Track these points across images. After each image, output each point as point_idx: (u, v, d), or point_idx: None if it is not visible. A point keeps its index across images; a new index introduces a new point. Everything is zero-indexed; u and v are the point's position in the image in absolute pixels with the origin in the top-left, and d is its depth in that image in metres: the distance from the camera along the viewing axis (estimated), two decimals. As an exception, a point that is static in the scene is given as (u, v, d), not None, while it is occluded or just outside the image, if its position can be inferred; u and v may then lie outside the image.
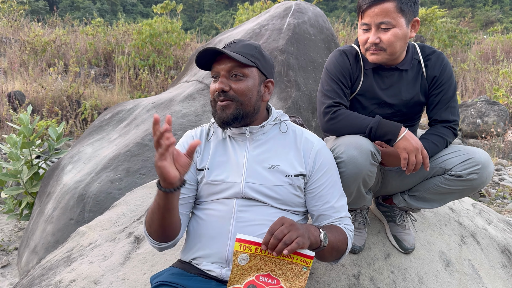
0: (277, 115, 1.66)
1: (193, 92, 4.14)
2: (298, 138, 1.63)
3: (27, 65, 9.40)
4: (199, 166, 1.61)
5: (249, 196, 1.53)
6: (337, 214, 1.58)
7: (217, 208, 1.55)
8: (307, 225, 1.41)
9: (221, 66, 1.53)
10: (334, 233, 1.50)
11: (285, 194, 1.54)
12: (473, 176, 1.75)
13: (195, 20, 39.52)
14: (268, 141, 1.61)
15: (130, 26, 11.56)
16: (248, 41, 1.60)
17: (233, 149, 1.60)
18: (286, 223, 1.30)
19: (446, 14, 17.15)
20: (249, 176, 1.54)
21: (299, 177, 1.56)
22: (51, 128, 4.33)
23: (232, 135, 1.62)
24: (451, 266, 2.05)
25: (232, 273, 1.31)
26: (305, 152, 1.60)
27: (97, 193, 3.41)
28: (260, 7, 11.29)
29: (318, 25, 4.56)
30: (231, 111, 1.53)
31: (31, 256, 3.49)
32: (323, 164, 1.59)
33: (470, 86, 10.93)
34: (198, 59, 1.55)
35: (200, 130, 1.69)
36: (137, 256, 2.05)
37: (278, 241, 1.27)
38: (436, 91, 1.91)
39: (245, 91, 1.53)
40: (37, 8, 29.22)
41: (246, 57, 1.54)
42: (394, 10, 1.76)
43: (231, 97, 1.53)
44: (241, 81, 1.54)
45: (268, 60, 1.62)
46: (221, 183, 1.56)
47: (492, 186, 6.40)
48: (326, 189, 1.58)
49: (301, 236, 1.29)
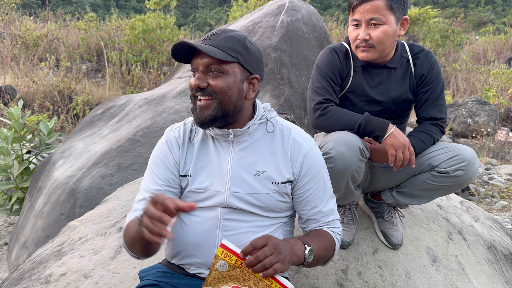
0: (263, 112, 1.53)
1: (186, 88, 4.15)
2: (286, 139, 1.51)
3: (18, 60, 9.33)
4: (182, 172, 1.51)
5: (233, 206, 1.46)
6: (325, 218, 1.53)
7: (203, 215, 1.47)
8: (292, 242, 1.36)
9: (199, 60, 1.40)
10: (321, 242, 1.46)
11: (271, 202, 1.47)
12: (460, 172, 1.78)
13: (189, 16, 39.36)
14: (254, 143, 1.50)
15: (123, 22, 11.50)
16: (232, 32, 1.45)
17: (216, 152, 1.49)
18: (270, 244, 1.25)
19: (439, 14, 17.27)
20: (233, 185, 1.46)
21: (286, 184, 1.48)
22: (42, 123, 4.31)
23: (215, 136, 1.49)
24: (437, 262, 2.08)
25: (210, 275, 1.29)
26: (292, 155, 1.50)
27: (88, 188, 3.41)
28: (254, 4, 11.28)
29: (311, 23, 4.58)
30: (210, 112, 1.41)
31: (21, 251, 3.48)
32: (310, 168, 1.50)
33: (462, 86, 11.02)
34: (173, 53, 1.42)
35: (183, 129, 1.56)
36: (128, 250, 2.06)
37: (258, 262, 1.23)
38: (424, 89, 1.94)
39: (223, 89, 1.39)
40: (29, 2, 28.94)
41: (226, 52, 1.39)
42: (384, 7, 1.79)
43: (210, 93, 1.40)
44: (219, 78, 1.40)
45: (254, 53, 1.46)
46: (204, 191, 1.47)
47: (482, 185, 6.47)
48: (314, 194, 1.51)
49: (282, 261, 1.25)
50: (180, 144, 1.52)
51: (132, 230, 1.38)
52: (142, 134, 3.67)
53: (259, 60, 1.49)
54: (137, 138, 3.66)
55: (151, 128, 3.71)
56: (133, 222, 1.39)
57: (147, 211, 1.20)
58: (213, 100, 1.40)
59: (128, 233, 1.41)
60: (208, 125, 1.44)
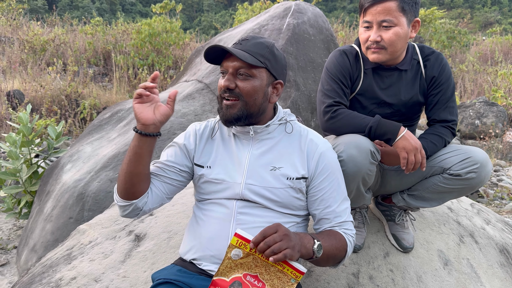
0: (283, 115, 1.64)
1: (193, 91, 4.15)
2: (303, 139, 1.60)
3: (26, 64, 9.39)
4: (197, 161, 1.61)
5: (248, 198, 1.52)
6: (339, 218, 1.56)
7: (217, 210, 1.55)
8: (302, 235, 1.39)
9: (229, 63, 1.51)
10: (332, 240, 1.48)
11: (286, 197, 1.53)
12: (472, 174, 1.76)
13: (194, 20, 39.51)
14: (272, 141, 1.59)
15: (129, 26, 11.55)
16: (261, 38, 1.56)
17: (237, 147, 1.59)
18: (280, 231, 1.30)
19: (445, 15, 17.19)
20: (250, 177, 1.54)
21: (301, 180, 1.54)
22: (50, 127, 4.32)
23: (237, 133, 1.61)
24: (449, 265, 2.06)
25: (222, 264, 1.33)
26: (309, 154, 1.58)
27: (96, 191, 3.42)
28: (259, 7, 11.30)
29: (317, 26, 4.57)
30: (235, 111, 1.51)
31: (30, 254, 3.49)
32: (326, 167, 1.57)
33: (469, 87, 10.96)
34: (206, 55, 1.53)
35: (205, 125, 1.68)
36: (138, 254, 2.05)
37: (268, 247, 1.27)
38: (434, 91, 1.92)
39: (250, 92, 1.50)
40: (36, 7, 29.18)
41: (255, 57, 1.50)
42: (396, 9, 1.77)
43: (237, 95, 1.51)
44: (247, 81, 1.50)
45: (280, 60, 1.57)
46: (221, 182, 1.56)
47: (491, 186, 6.42)
48: (328, 193, 1.56)
49: (291, 248, 1.28)
50: (198, 135, 1.64)
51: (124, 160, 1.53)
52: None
53: (284, 66, 1.60)
54: (145, 142, 3.66)
55: (158, 131, 3.71)
56: None
57: None
58: (239, 101, 1.52)
59: (121, 166, 1.54)
60: (233, 124, 1.55)
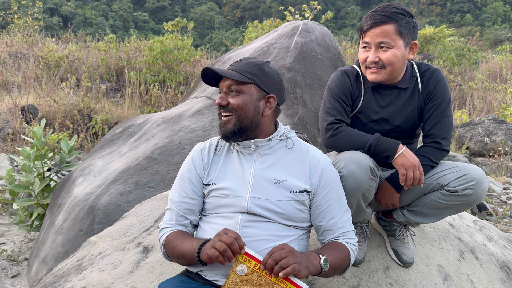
0: (284, 131, 1.73)
1: (202, 108, 4.25)
2: (305, 155, 1.69)
3: (40, 80, 9.61)
4: (205, 181, 1.70)
5: (253, 212, 1.59)
6: (342, 229, 1.66)
7: (222, 223, 1.62)
8: (307, 253, 1.48)
9: (223, 83, 1.67)
10: (336, 252, 1.57)
11: (289, 209, 1.61)
12: (469, 191, 1.83)
13: (205, 37, 40.04)
14: (275, 156, 1.67)
15: (142, 43, 11.79)
16: (252, 59, 1.70)
17: (240, 162, 1.68)
18: (286, 248, 1.39)
19: (454, 32, 17.25)
20: (255, 191, 1.61)
21: (304, 193, 1.63)
22: (63, 141, 4.43)
23: (240, 149, 1.69)
24: (449, 280, 2.09)
25: (229, 279, 1.39)
26: (311, 169, 1.66)
27: (106, 205, 3.49)
28: (269, 25, 11.48)
29: (325, 44, 4.68)
30: (230, 126, 1.64)
31: (40, 266, 3.56)
32: (328, 181, 1.66)
33: (478, 105, 10.95)
34: (203, 78, 1.69)
35: (209, 144, 1.77)
36: (146, 265, 2.12)
37: (275, 263, 1.35)
38: (429, 105, 2.00)
39: (240, 106, 1.63)
40: (51, 24, 29.81)
41: (243, 75, 1.63)
42: (393, 32, 1.86)
43: (230, 109, 1.64)
44: (237, 97, 1.64)
45: (272, 76, 1.68)
46: (226, 196, 1.63)
47: (500, 204, 6.39)
48: (332, 206, 1.65)
49: (298, 263, 1.36)
50: (204, 156, 1.73)
51: (180, 249, 1.61)
52: (160, 153, 3.77)
53: (276, 82, 1.69)
54: (154, 156, 3.75)
55: (168, 146, 3.81)
56: (179, 241, 1.62)
57: (221, 235, 1.44)
58: (233, 116, 1.64)
59: (174, 248, 1.63)
60: (230, 138, 1.66)
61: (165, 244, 1.67)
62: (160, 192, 3.44)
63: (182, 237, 1.64)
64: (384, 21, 1.86)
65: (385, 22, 1.86)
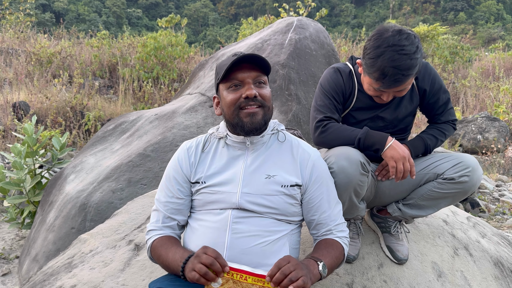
0: (274, 125, 1.70)
1: (196, 104, 4.22)
2: (295, 148, 1.67)
3: (32, 76, 9.53)
4: (193, 179, 1.65)
5: (244, 207, 1.56)
6: (333, 222, 1.65)
7: (212, 219, 1.58)
8: (306, 263, 1.46)
9: (247, 74, 1.57)
10: (331, 252, 1.56)
11: (281, 204, 1.58)
12: (465, 178, 1.84)
13: (199, 34, 39.94)
14: (266, 151, 1.65)
15: (135, 39, 11.72)
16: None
17: (231, 158, 1.64)
18: (292, 261, 1.36)
19: (448, 30, 17.30)
20: (245, 186, 1.58)
21: (295, 187, 1.60)
22: (55, 138, 4.39)
23: (232, 144, 1.65)
24: (443, 277, 2.09)
25: None
26: (302, 163, 1.64)
27: (98, 202, 3.46)
28: (263, 22, 11.44)
29: (319, 41, 4.66)
30: (261, 117, 1.58)
31: (31, 264, 3.52)
32: (319, 175, 1.65)
33: (471, 103, 11.00)
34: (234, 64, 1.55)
35: (196, 142, 1.72)
36: (137, 263, 2.10)
37: (284, 277, 1.32)
38: (432, 100, 2.03)
39: (268, 97, 1.60)
40: (44, 20, 29.58)
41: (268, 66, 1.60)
42: (410, 82, 1.81)
43: (260, 102, 1.57)
44: (264, 88, 1.60)
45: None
46: (216, 193, 1.59)
47: (492, 201, 6.42)
48: (324, 200, 1.64)
49: (305, 276, 1.34)
50: (190, 155, 1.68)
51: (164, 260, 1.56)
52: (152, 150, 3.74)
53: None
54: (147, 153, 3.72)
55: (161, 143, 3.77)
56: (164, 250, 1.57)
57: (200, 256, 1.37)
58: (261, 108, 1.59)
59: (159, 258, 1.58)
60: (257, 131, 1.60)
61: (151, 250, 1.64)
62: (153, 189, 3.41)
63: (167, 245, 1.58)
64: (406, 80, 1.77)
65: (404, 82, 1.77)
